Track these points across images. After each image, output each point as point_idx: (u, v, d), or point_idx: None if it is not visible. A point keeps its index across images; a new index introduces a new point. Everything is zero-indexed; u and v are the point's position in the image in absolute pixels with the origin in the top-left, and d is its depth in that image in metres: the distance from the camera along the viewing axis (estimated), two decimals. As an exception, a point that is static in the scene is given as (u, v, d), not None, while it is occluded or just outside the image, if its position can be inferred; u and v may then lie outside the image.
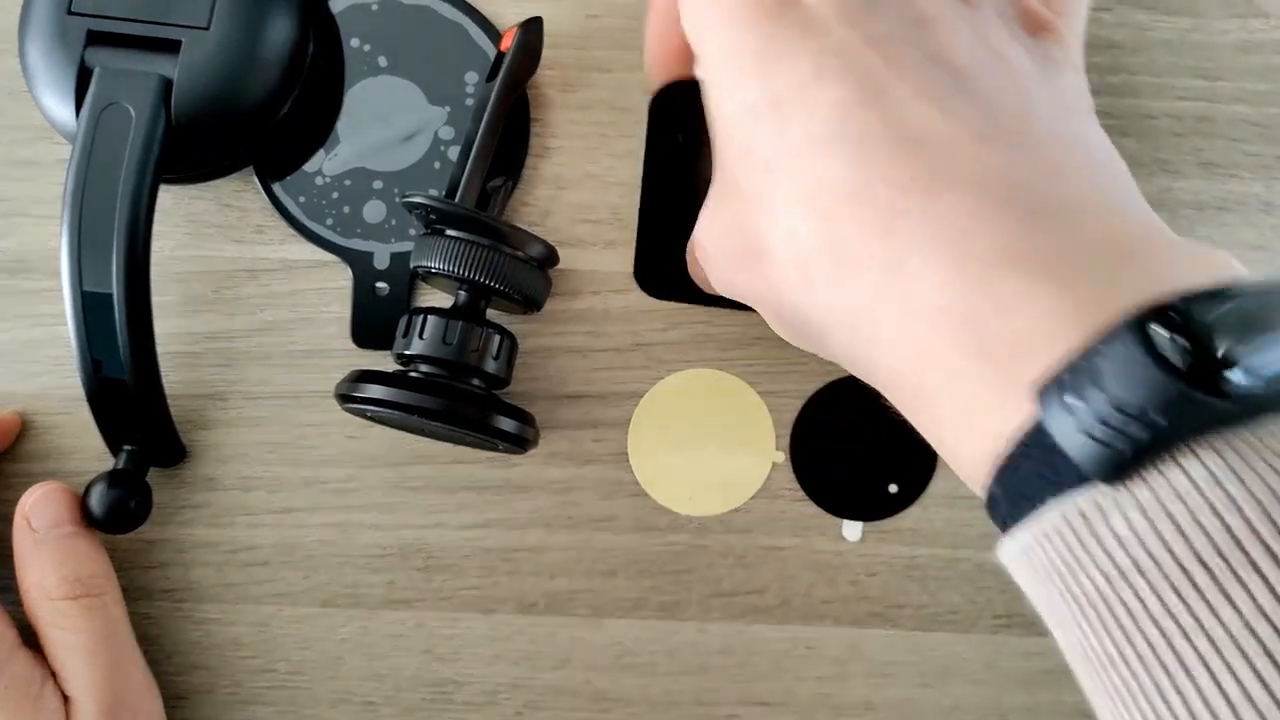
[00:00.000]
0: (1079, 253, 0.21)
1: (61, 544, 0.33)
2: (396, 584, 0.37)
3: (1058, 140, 0.24)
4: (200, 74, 0.32)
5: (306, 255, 0.37)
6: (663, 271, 0.36)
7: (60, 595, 0.33)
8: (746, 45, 0.25)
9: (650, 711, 0.37)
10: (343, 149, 0.37)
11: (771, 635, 0.37)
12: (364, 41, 0.37)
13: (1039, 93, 0.25)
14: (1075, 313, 0.20)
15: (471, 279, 0.32)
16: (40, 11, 0.33)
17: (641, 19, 0.33)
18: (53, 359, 0.36)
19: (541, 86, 0.37)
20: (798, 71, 0.25)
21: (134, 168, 0.32)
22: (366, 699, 0.36)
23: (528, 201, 0.37)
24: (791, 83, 0.25)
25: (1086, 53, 0.38)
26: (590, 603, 0.37)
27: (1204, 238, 0.37)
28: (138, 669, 0.34)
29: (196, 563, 0.36)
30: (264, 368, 0.37)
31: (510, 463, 0.37)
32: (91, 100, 0.32)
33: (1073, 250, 0.22)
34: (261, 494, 0.36)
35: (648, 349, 0.37)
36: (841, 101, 0.24)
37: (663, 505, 0.37)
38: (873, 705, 0.37)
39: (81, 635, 0.33)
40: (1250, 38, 0.38)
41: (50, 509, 0.33)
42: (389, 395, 0.31)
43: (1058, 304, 0.21)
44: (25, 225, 0.37)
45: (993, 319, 0.21)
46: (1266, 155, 0.38)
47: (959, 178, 0.23)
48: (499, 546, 0.37)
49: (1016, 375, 0.21)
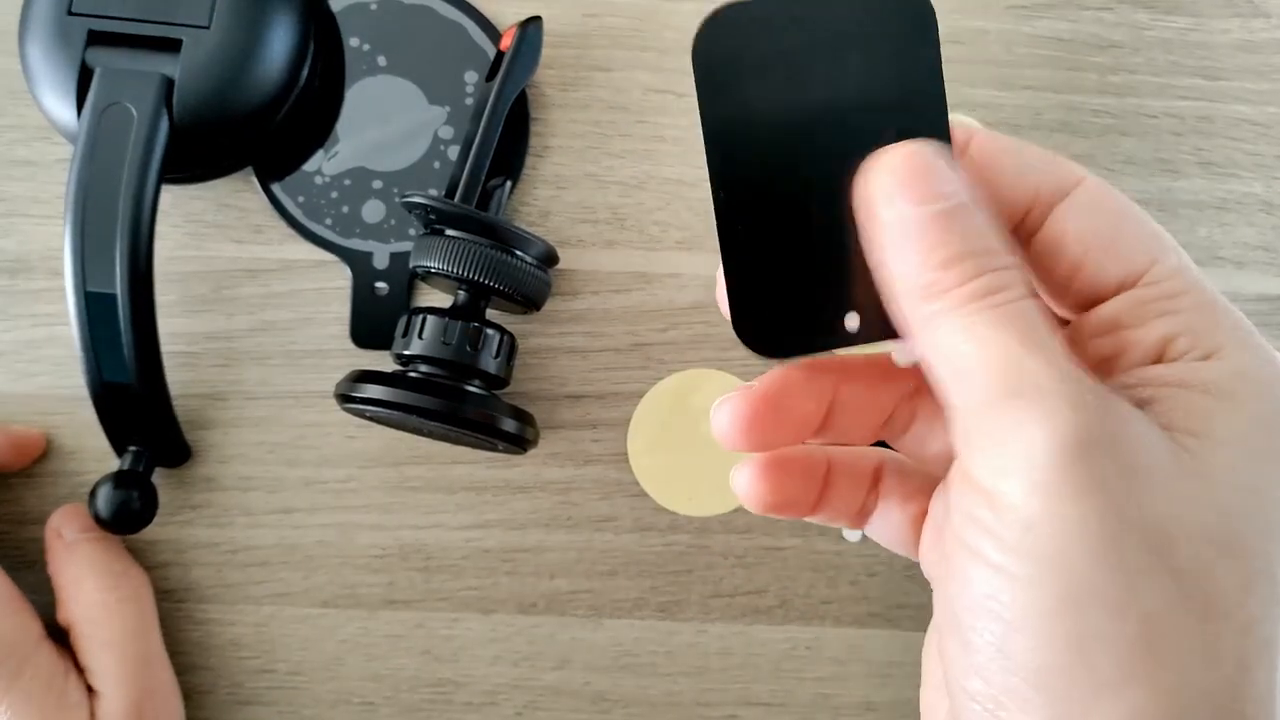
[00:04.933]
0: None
1: (94, 545, 0.34)
2: (396, 584, 0.36)
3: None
4: (202, 73, 0.32)
5: (306, 255, 0.37)
6: (781, 309, 0.22)
7: (97, 590, 0.33)
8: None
9: (650, 712, 0.37)
10: (342, 149, 0.37)
11: (771, 636, 0.37)
12: (364, 41, 0.37)
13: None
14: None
15: (471, 279, 0.32)
16: (40, 12, 0.33)
17: (641, 19, 0.32)
18: (53, 359, 0.36)
19: (541, 86, 0.37)
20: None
21: (136, 168, 0.32)
22: (366, 699, 0.36)
23: (528, 201, 0.37)
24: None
25: (1087, 52, 0.38)
26: (590, 603, 0.37)
27: (1204, 238, 0.37)
28: (164, 667, 0.35)
29: (196, 563, 0.36)
30: (263, 368, 0.37)
31: (510, 463, 0.37)
32: (93, 100, 0.32)
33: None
34: (261, 494, 0.36)
35: (647, 349, 0.37)
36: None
37: (663, 505, 0.37)
38: (873, 705, 0.37)
39: (114, 631, 0.33)
40: (1250, 37, 0.38)
41: (78, 519, 0.35)
42: (388, 395, 0.31)
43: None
44: (25, 225, 0.37)
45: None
46: (1266, 155, 0.38)
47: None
48: (498, 547, 0.37)
49: None
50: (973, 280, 0.19)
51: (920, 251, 0.20)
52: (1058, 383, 0.18)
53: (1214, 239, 0.37)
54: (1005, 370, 0.19)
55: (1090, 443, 0.18)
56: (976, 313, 0.19)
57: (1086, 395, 0.18)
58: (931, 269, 0.20)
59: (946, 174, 0.20)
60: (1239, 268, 0.37)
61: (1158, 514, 0.18)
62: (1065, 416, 0.18)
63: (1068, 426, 0.18)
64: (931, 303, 0.20)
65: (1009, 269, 0.20)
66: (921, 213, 0.20)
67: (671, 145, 0.37)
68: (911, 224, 0.20)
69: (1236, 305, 0.21)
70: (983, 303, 0.19)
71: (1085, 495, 0.18)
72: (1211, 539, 0.19)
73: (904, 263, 0.20)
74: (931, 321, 0.20)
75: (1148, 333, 0.21)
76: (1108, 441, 0.18)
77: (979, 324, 0.19)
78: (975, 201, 0.20)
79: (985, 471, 0.19)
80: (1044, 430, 0.18)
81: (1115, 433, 0.18)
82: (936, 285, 0.20)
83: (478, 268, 0.32)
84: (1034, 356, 0.19)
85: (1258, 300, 0.37)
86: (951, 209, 0.20)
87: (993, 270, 0.20)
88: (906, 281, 0.20)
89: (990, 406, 0.19)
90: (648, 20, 0.37)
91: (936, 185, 0.20)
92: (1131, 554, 0.18)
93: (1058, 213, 0.22)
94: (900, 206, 0.20)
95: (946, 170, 0.20)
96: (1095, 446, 0.18)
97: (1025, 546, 0.18)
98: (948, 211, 0.20)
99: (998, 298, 0.19)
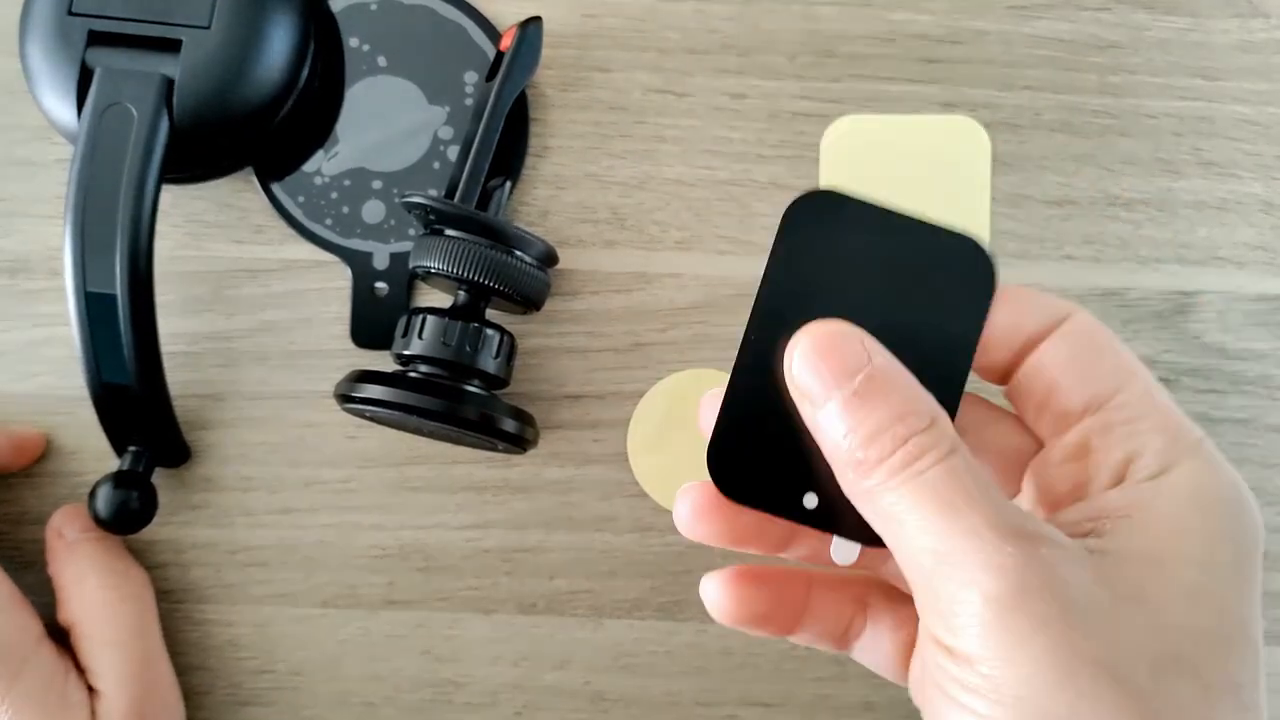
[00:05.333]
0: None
1: (96, 545, 0.34)
2: (396, 584, 0.36)
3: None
4: (202, 73, 0.32)
5: (306, 255, 0.37)
6: (754, 458, 0.23)
7: (99, 588, 0.33)
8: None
9: (650, 712, 0.37)
10: (342, 149, 0.37)
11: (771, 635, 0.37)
12: (364, 41, 0.37)
13: None
14: None
15: (471, 279, 0.32)
16: (41, 12, 0.33)
17: (641, 19, 0.32)
18: (53, 359, 0.36)
19: (541, 86, 0.37)
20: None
21: (136, 168, 0.32)
22: (366, 700, 0.36)
23: (528, 201, 0.37)
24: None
25: (1087, 52, 0.38)
26: (590, 603, 0.37)
27: (1204, 238, 0.37)
28: (166, 667, 0.35)
29: (195, 563, 0.36)
30: (263, 368, 0.37)
31: (510, 463, 0.37)
32: (93, 100, 0.32)
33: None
34: (261, 494, 0.36)
35: (647, 349, 0.37)
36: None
37: (662, 506, 0.37)
38: (872, 705, 0.37)
39: (116, 630, 0.33)
40: (1250, 38, 0.38)
41: (79, 518, 0.35)
42: (388, 395, 0.31)
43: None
44: (25, 225, 0.37)
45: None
46: (1266, 155, 0.38)
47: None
48: (498, 547, 0.37)
49: None
50: (891, 455, 0.20)
51: (843, 432, 0.21)
52: (979, 544, 0.20)
53: (1214, 239, 0.37)
54: (934, 542, 0.20)
55: (1021, 591, 0.19)
56: (901, 485, 0.20)
57: (1007, 549, 0.19)
58: (856, 448, 0.21)
59: (855, 346, 0.21)
60: (1239, 268, 0.37)
61: (1107, 643, 0.19)
62: (990, 576, 0.19)
63: (994, 584, 0.19)
64: (864, 480, 0.21)
65: (927, 429, 0.21)
66: (837, 396, 0.21)
67: (671, 145, 0.37)
68: (831, 408, 0.21)
69: (1237, 305, 0.21)
70: (904, 474, 0.20)
71: (1032, 638, 0.19)
72: (1165, 660, 0.19)
73: (832, 444, 0.21)
74: (869, 497, 0.21)
75: (1110, 454, 0.22)
76: (1038, 587, 0.19)
77: (904, 498, 0.20)
78: (885, 356, 0.21)
79: (942, 631, 0.20)
80: (977, 591, 0.19)
81: (1044, 579, 0.19)
82: (864, 465, 0.21)
83: (478, 268, 0.32)
84: (955, 521, 0.20)
85: (1257, 300, 0.37)
86: (864, 383, 0.21)
87: (912, 436, 0.20)
88: (839, 461, 0.21)
89: (930, 575, 0.20)
90: (648, 20, 0.37)
91: (846, 362, 0.21)
92: (1089, 684, 0.19)
93: (1044, 345, 0.23)
94: (817, 392, 0.21)
95: (854, 342, 0.21)
96: (1028, 594, 0.19)
97: (989, 690, 0.19)
98: (859, 389, 0.21)
99: (918, 465, 0.20)
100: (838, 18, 0.38)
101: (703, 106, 0.37)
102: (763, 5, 0.38)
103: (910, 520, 0.20)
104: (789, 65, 0.38)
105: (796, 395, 0.22)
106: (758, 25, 0.38)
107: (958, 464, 0.20)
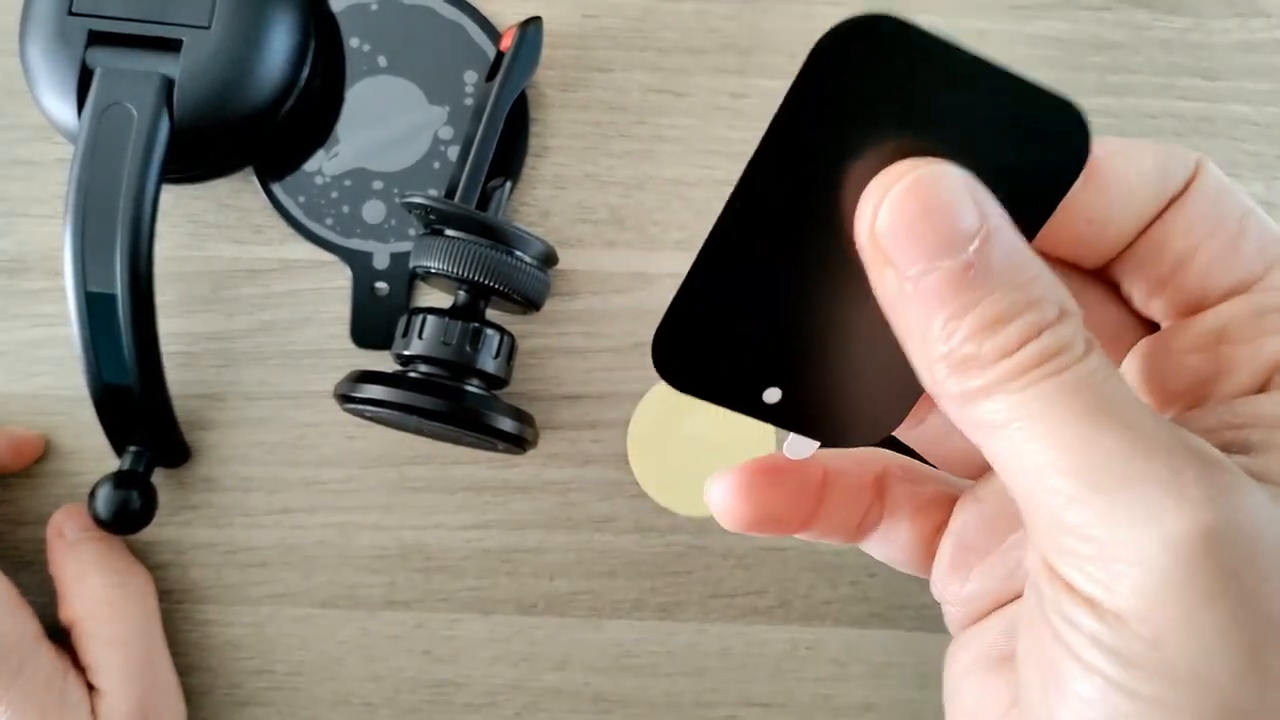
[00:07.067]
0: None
1: (97, 544, 0.34)
2: (396, 585, 0.36)
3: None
4: (202, 73, 0.32)
5: (306, 255, 0.37)
6: (714, 341, 0.19)
7: (101, 587, 0.34)
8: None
9: (650, 713, 0.36)
10: (342, 149, 0.37)
11: (771, 636, 0.37)
12: (364, 41, 0.37)
13: None
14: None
15: (471, 279, 0.32)
16: (41, 12, 0.33)
17: (641, 19, 0.32)
18: (53, 359, 0.36)
19: (541, 86, 0.37)
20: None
21: (137, 168, 0.32)
22: (366, 700, 0.36)
23: (528, 201, 0.37)
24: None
25: (1087, 53, 0.38)
26: (590, 604, 0.37)
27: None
28: (167, 666, 0.35)
29: (195, 563, 0.36)
30: (263, 368, 0.37)
31: (510, 463, 0.37)
32: (93, 100, 0.32)
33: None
34: (260, 494, 0.36)
35: (647, 349, 0.37)
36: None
37: (662, 506, 0.36)
38: (873, 706, 0.37)
39: (119, 628, 0.33)
40: (1250, 37, 0.38)
41: (80, 518, 0.35)
42: (388, 395, 0.31)
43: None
44: (25, 225, 0.37)
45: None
46: (1267, 155, 0.38)
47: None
48: (498, 547, 0.37)
49: None
50: (1020, 349, 0.15)
51: (945, 317, 0.15)
52: (1155, 467, 0.15)
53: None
54: (1085, 461, 0.15)
55: (1213, 535, 0.14)
56: (1030, 386, 0.15)
57: (1189, 476, 0.15)
58: (964, 339, 0.15)
59: (966, 202, 0.16)
60: (1239, 268, 0.37)
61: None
62: (1176, 508, 0.15)
63: (1177, 523, 0.14)
64: (968, 379, 0.16)
65: (1065, 318, 0.16)
66: (943, 266, 0.15)
67: (671, 145, 0.37)
68: (931, 282, 0.15)
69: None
70: (1036, 373, 0.15)
71: (1218, 599, 0.14)
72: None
73: (923, 331, 0.16)
74: (971, 402, 0.16)
75: (1257, 350, 0.17)
76: (1230, 529, 0.15)
77: (1037, 404, 0.15)
78: (1004, 219, 0.16)
79: (1084, 580, 0.15)
80: (1153, 531, 0.15)
81: (1234, 517, 0.15)
82: (973, 361, 0.15)
83: (478, 268, 0.32)
84: (1116, 436, 0.15)
85: (1258, 300, 0.37)
86: (980, 252, 0.15)
87: (1047, 326, 0.15)
88: (930, 352, 0.16)
89: (1073, 507, 0.15)
90: (647, 20, 0.37)
91: (958, 223, 0.15)
92: (1277, 663, 0.15)
93: (1174, 209, 0.18)
94: (910, 256, 0.15)
95: (965, 196, 0.16)
96: (1219, 539, 0.14)
97: (1153, 663, 0.15)
98: (975, 260, 0.15)
99: (1056, 362, 0.15)
100: (838, 18, 0.38)
101: (702, 106, 0.37)
102: (763, 5, 0.38)
103: (1033, 431, 0.15)
104: (789, 65, 0.38)
105: (872, 258, 0.16)
106: (758, 25, 0.38)
107: (1100, 365, 0.16)
